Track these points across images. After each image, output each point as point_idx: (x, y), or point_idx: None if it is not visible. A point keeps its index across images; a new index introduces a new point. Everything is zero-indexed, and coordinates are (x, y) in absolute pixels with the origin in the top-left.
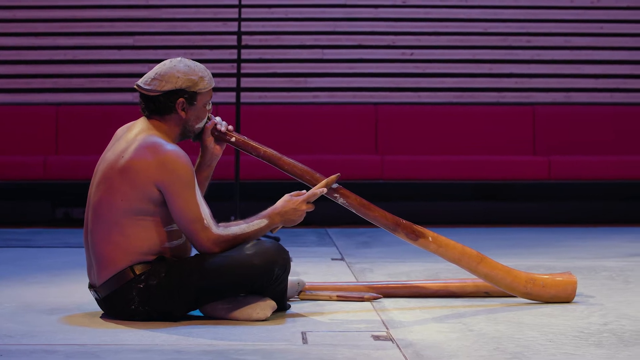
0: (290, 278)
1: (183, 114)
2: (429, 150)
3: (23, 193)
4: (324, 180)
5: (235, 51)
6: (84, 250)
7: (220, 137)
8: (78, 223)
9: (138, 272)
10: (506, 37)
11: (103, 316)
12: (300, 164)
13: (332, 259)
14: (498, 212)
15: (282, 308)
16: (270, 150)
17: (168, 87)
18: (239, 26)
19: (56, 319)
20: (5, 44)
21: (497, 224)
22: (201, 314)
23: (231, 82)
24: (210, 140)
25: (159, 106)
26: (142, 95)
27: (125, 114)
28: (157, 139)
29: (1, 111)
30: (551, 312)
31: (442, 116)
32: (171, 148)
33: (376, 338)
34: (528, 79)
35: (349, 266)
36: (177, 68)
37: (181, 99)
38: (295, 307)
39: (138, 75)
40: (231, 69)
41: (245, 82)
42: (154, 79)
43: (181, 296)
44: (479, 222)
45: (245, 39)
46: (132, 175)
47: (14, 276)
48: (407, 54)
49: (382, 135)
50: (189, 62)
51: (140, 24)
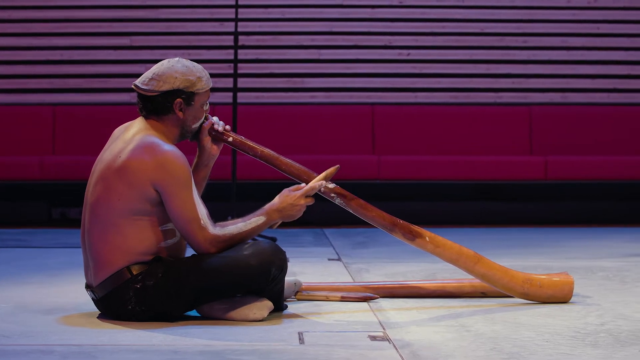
0: (287, 278)
1: (181, 114)
2: (425, 151)
3: (20, 193)
4: (323, 173)
5: (232, 51)
6: (80, 251)
7: (217, 137)
8: (75, 223)
9: (135, 273)
10: (503, 38)
11: (100, 316)
12: (297, 164)
13: (329, 259)
14: (495, 212)
15: (279, 308)
16: (268, 150)
17: (166, 87)
18: (235, 26)
19: (53, 319)
20: (1, 44)
21: (494, 224)
22: (198, 314)
23: (228, 83)
24: (207, 140)
25: (157, 106)
26: (139, 95)
27: (122, 114)
28: (154, 139)
29: None
30: (548, 313)
31: (438, 116)
32: (168, 148)
33: (373, 338)
34: (525, 79)
35: (345, 266)
36: (175, 68)
37: (179, 99)
38: (292, 307)
39: (135, 75)
40: (228, 69)
41: (242, 83)
42: (151, 79)
43: (178, 296)
44: (476, 222)
45: (242, 39)
46: (129, 175)
47: (11, 276)
48: (403, 54)
49: (379, 135)
50: (187, 62)
51: (137, 24)
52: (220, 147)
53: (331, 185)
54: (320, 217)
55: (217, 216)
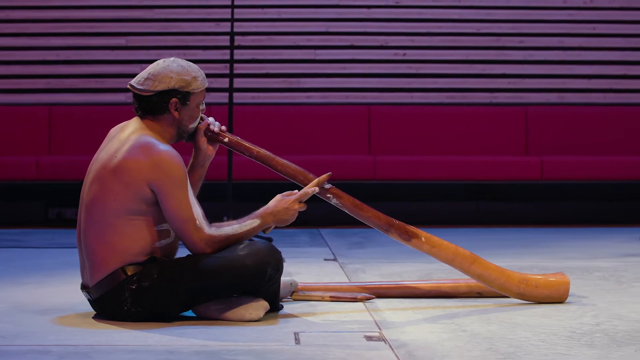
0: (282, 278)
1: (176, 114)
2: (421, 151)
3: (16, 193)
4: (316, 179)
5: (228, 52)
6: (76, 251)
7: (213, 137)
8: (71, 223)
9: (130, 273)
10: (499, 38)
11: (96, 317)
12: (293, 165)
13: (325, 260)
14: (491, 213)
15: (274, 308)
16: (263, 151)
17: (161, 87)
18: (231, 27)
19: (49, 319)
20: None
21: (490, 224)
22: (194, 315)
23: (224, 83)
24: (203, 141)
25: (152, 106)
26: (135, 95)
27: (118, 114)
28: (150, 139)
29: None
30: (544, 313)
31: (434, 117)
32: (164, 148)
33: (369, 338)
34: (521, 80)
35: (341, 266)
36: (171, 68)
37: (174, 99)
38: (288, 307)
39: (131, 75)
40: (224, 69)
41: (238, 83)
42: (147, 78)
43: (173, 297)
44: (472, 223)
45: (238, 40)
46: (124, 175)
47: (7, 277)
48: (399, 54)
49: (374, 135)
50: (183, 62)
51: (133, 24)
52: (216, 148)
53: (327, 186)
54: (316, 217)
55: (213, 217)
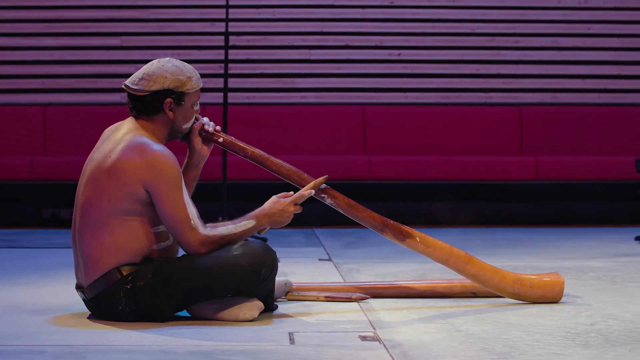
0: (277, 279)
1: (171, 114)
2: (416, 151)
3: (10, 194)
4: (312, 182)
5: (223, 51)
6: (71, 251)
7: (207, 137)
8: (65, 224)
9: (125, 273)
10: (493, 38)
11: (90, 317)
12: (287, 165)
13: (320, 260)
14: (485, 213)
15: (269, 309)
16: (258, 151)
17: (156, 87)
18: (226, 27)
19: (44, 319)
20: None
21: (485, 224)
22: (188, 315)
23: (219, 83)
24: (197, 141)
25: (147, 106)
26: (129, 95)
27: (112, 115)
28: (144, 139)
29: None
30: (538, 313)
31: (429, 117)
32: (159, 148)
33: (363, 338)
34: (515, 80)
35: (336, 266)
36: (165, 68)
37: (169, 99)
38: (283, 307)
39: (125, 75)
40: (219, 69)
41: (233, 83)
42: (141, 78)
43: (168, 297)
44: (466, 223)
45: (233, 40)
46: (119, 176)
47: (1, 277)
48: (394, 54)
49: (369, 135)
50: (177, 62)
51: (128, 24)
52: (210, 148)
53: (322, 186)
54: (311, 217)
55: (208, 217)
